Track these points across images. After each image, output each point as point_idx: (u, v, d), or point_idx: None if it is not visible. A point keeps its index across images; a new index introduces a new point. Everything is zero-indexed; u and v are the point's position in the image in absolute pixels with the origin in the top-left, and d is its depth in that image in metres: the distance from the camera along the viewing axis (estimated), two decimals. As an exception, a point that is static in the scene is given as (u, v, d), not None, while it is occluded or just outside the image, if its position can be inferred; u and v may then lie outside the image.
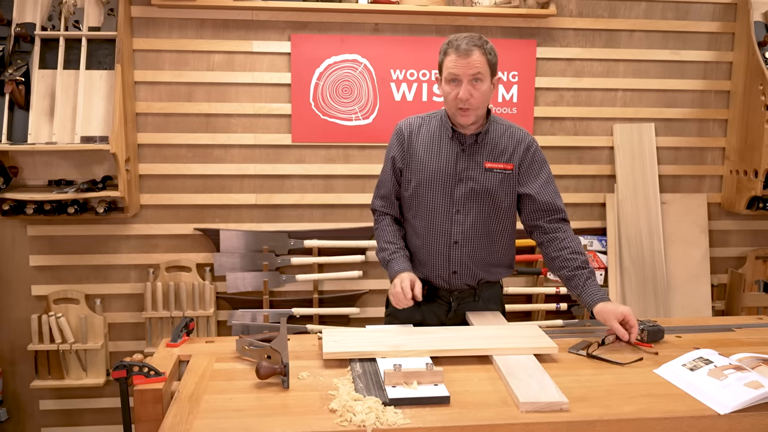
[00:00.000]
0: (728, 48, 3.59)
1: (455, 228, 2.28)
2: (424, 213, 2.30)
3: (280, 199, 3.45)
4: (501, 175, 2.27)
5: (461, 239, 2.28)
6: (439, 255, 2.31)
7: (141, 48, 3.28)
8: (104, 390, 3.44)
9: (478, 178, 2.26)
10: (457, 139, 2.28)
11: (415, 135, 2.32)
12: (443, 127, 2.30)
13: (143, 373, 1.77)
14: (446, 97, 2.20)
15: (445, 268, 2.31)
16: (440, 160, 2.28)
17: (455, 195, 2.27)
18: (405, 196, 2.35)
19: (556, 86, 3.54)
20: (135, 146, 3.31)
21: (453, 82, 2.16)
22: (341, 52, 3.38)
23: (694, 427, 1.64)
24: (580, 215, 3.64)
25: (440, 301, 2.37)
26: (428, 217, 2.29)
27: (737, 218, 3.73)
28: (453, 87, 2.16)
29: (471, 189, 2.26)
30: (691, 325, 2.39)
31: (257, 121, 3.40)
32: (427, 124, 2.34)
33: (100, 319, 3.33)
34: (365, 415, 1.57)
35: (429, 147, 2.30)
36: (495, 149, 2.28)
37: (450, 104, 2.21)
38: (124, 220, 3.36)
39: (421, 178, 2.28)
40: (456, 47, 2.14)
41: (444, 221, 2.28)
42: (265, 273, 3.42)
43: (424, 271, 2.33)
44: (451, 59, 2.15)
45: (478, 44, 2.15)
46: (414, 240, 2.35)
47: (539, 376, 1.79)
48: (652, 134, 3.60)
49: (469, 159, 2.27)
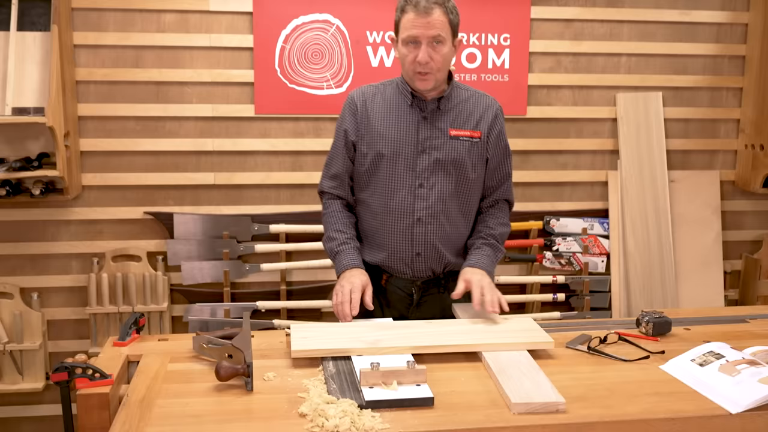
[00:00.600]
0: (744, 8, 3.63)
1: (418, 203, 2.29)
2: (382, 189, 2.30)
3: (242, 179, 3.44)
4: (468, 143, 2.30)
5: (425, 215, 2.29)
6: (401, 235, 2.31)
7: (81, 6, 3.23)
8: (43, 395, 3.41)
9: (443, 147, 2.28)
10: (417, 105, 2.29)
11: (370, 104, 2.33)
12: (401, 93, 2.32)
13: (87, 375, 1.75)
14: (403, 60, 2.22)
15: (407, 251, 2.32)
16: (399, 129, 2.29)
17: (418, 167, 2.28)
18: (360, 172, 2.34)
19: (553, 51, 3.55)
20: (75, 119, 3.26)
21: (411, 44, 2.18)
22: (310, 12, 3.35)
23: (704, 427, 1.66)
24: (580, 195, 3.67)
25: (401, 293, 2.38)
26: (388, 194, 2.30)
27: (753, 198, 3.78)
28: (411, 49, 2.19)
29: (435, 159, 2.28)
30: (701, 316, 2.43)
31: (215, 90, 3.37)
32: (381, 92, 2.35)
33: (37, 315, 3.31)
34: (339, 419, 1.57)
35: (386, 116, 2.31)
36: (460, 115, 2.31)
37: (408, 68, 2.23)
38: (63, 203, 3.32)
39: (379, 150, 2.29)
40: (415, 4, 2.14)
41: (406, 197, 2.29)
42: (226, 262, 3.41)
43: (383, 256, 2.34)
44: (408, 18, 2.16)
45: (439, 1, 2.16)
46: (371, 221, 2.35)
47: (533, 374, 1.80)
48: (660, 104, 3.63)
49: (432, 127, 2.29)
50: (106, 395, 1.74)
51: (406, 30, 2.17)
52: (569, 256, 3.61)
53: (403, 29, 2.19)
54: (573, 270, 3.64)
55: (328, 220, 2.38)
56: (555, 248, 3.61)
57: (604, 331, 2.16)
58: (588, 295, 3.60)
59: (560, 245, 3.61)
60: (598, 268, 3.64)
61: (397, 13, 2.21)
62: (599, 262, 3.64)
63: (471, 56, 3.47)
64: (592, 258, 3.63)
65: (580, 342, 2.09)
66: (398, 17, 2.21)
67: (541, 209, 3.65)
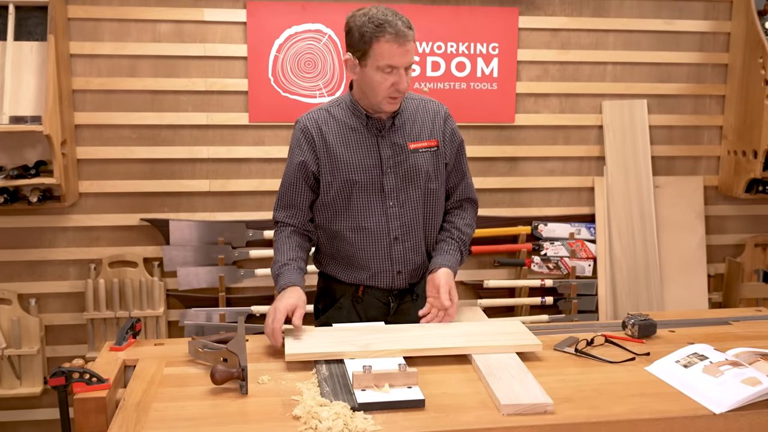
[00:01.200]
0: (726, 17, 3.65)
1: (392, 223, 2.26)
2: (354, 215, 2.26)
3: (237, 186, 3.44)
4: (428, 154, 2.27)
5: (401, 234, 2.27)
6: (380, 257, 2.28)
7: (77, 16, 3.23)
8: (41, 400, 3.40)
9: (405, 163, 2.24)
10: (372, 125, 2.24)
11: (325, 130, 2.24)
12: (353, 115, 2.25)
13: (84, 380, 1.75)
14: (376, 86, 2.11)
15: (387, 270, 2.30)
16: (360, 152, 2.23)
17: (386, 187, 2.24)
18: (326, 201, 2.27)
19: (541, 59, 3.56)
20: (72, 127, 3.26)
21: (387, 70, 2.09)
22: (303, 22, 3.36)
23: (688, 427, 1.67)
24: (567, 200, 3.69)
25: (378, 303, 2.35)
26: (360, 218, 2.25)
27: (735, 203, 3.81)
28: (387, 76, 2.09)
29: (401, 177, 2.24)
30: (686, 318, 2.44)
31: (210, 99, 3.37)
32: (333, 116, 2.26)
33: (35, 321, 3.30)
34: (332, 421, 1.57)
35: (344, 141, 2.23)
36: (414, 127, 2.27)
37: (381, 93, 2.13)
38: (60, 210, 3.31)
39: (345, 177, 2.22)
40: (395, 32, 2.04)
41: (380, 219, 2.25)
42: (221, 267, 3.40)
43: (364, 276, 2.31)
44: (388, 47, 2.05)
45: (409, 25, 2.09)
46: (347, 247, 2.29)
47: (522, 376, 1.81)
48: (645, 112, 3.65)
49: (391, 144, 2.24)
50: (103, 399, 1.74)
51: (383, 58, 2.06)
52: (557, 260, 3.63)
53: (379, 56, 2.07)
54: (561, 274, 3.65)
55: (276, 246, 2.29)
56: (543, 253, 3.62)
57: (591, 334, 2.17)
58: (575, 299, 3.62)
59: (548, 250, 3.63)
60: (585, 271, 3.66)
61: (366, 35, 2.07)
62: (586, 266, 3.65)
63: (460, 65, 3.49)
64: (579, 262, 3.64)
65: (568, 344, 2.10)
66: (368, 41, 2.07)
67: (530, 214, 3.67)
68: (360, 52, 2.10)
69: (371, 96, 2.16)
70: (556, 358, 2.03)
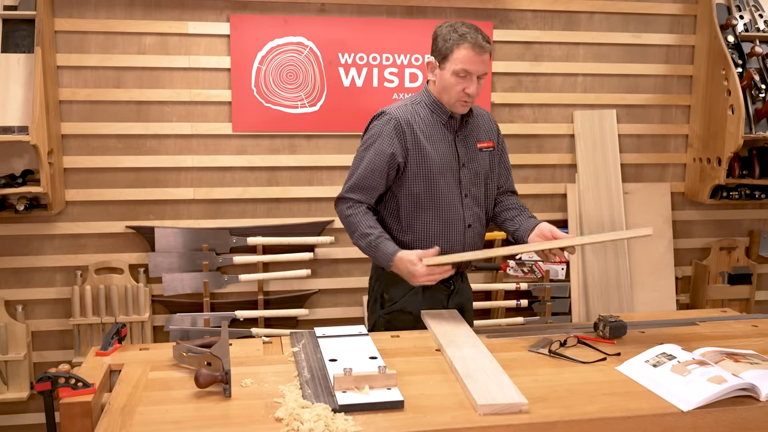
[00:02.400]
0: (690, 31, 3.70)
1: (467, 212, 2.43)
2: (438, 203, 2.40)
3: (221, 194, 3.42)
4: (489, 154, 2.48)
5: (473, 222, 2.45)
6: (456, 242, 2.42)
7: (63, 29, 3.20)
8: (28, 405, 3.35)
9: (476, 160, 2.44)
10: (450, 124, 2.41)
11: (414, 126, 2.37)
12: (435, 113, 2.40)
13: (70, 384, 1.73)
14: (450, 87, 2.30)
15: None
16: (442, 147, 2.39)
17: (463, 180, 2.42)
18: (412, 191, 2.38)
19: (514, 71, 3.58)
20: (58, 137, 3.23)
21: (462, 75, 2.27)
22: (285, 35, 3.35)
23: (657, 425, 1.69)
24: (541, 206, 3.70)
25: (442, 285, 2.43)
26: (443, 207, 2.40)
27: (701, 208, 3.84)
28: (461, 80, 2.28)
29: (474, 172, 2.43)
30: (655, 319, 2.46)
31: (194, 109, 3.36)
32: (417, 113, 2.39)
33: (22, 327, 3.26)
34: (313, 423, 1.57)
35: (429, 136, 2.38)
36: (479, 129, 2.47)
37: (453, 95, 2.31)
38: (47, 218, 3.27)
39: (430, 169, 2.37)
40: (474, 43, 2.25)
41: (458, 208, 2.41)
42: (205, 273, 3.38)
43: None
44: (467, 54, 2.25)
45: (488, 40, 2.29)
46: (425, 234, 2.41)
47: (497, 377, 1.81)
48: (614, 121, 3.68)
49: (464, 142, 2.43)
50: (88, 403, 1.72)
51: (461, 63, 2.25)
52: (531, 265, 3.64)
53: (456, 61, 2.26)
54: (535, 277, 3.66)
55: (357, 219, 2.35)
56: (518, 257, 3.64)
57: (564, 335, 2.18)
58: (549, 301, 3.63)
59: (523, 254, 3.64)
60: (558, 275, 3.67)
61: (448, 42, 2.28)
62: (559, 269, 3.67)
63: (437, 76, 3.49)
64: (553, 266, 3.66)
65: (542, 345, 2.11)
66: (450, 47, 2.27)
67: (505, 220, 3.67)
68: (441, 56, 2.32)
69: (445, 97, 2.35)
70: (531, 358, 2.04)
